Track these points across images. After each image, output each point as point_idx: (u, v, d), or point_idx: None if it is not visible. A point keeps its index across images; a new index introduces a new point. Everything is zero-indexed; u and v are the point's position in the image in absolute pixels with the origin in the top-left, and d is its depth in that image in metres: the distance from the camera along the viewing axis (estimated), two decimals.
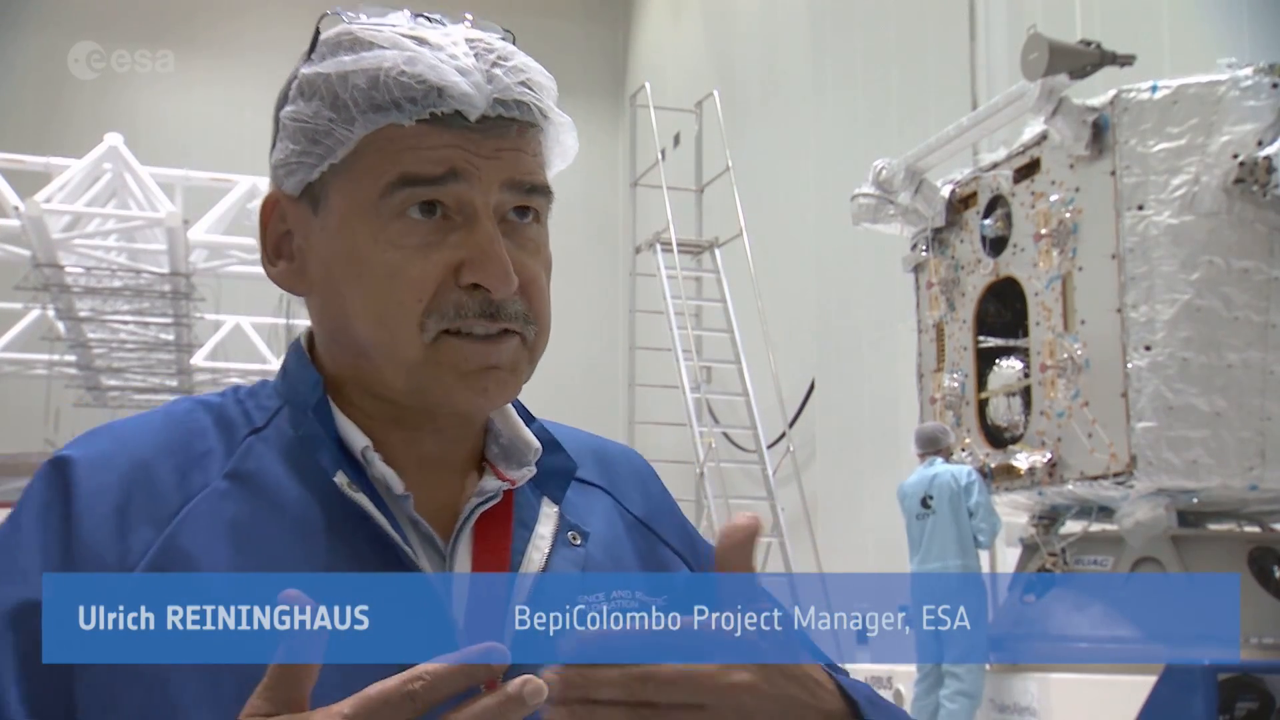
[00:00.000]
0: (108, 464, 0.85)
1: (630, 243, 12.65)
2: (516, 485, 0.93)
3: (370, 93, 0.86)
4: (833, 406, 10.36)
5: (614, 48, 17.18)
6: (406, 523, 0.88)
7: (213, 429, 0.90)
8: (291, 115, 0.91)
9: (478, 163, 0.87)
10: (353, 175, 0.88)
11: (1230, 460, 5.23)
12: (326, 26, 0.91)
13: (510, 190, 0.89)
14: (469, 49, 0.88)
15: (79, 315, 11.78)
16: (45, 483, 0.85)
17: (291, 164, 0.91)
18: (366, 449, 0.89)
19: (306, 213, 0.91)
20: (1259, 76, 5.29)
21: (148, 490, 0.84)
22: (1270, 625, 5.26)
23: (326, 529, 0.85)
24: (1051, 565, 5.88)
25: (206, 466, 0.87)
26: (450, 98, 0.86)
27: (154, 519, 0.83)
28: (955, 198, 6.58)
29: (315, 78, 0.89)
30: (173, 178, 11.40)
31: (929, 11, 9.31)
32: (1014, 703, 5.78)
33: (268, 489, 0.87)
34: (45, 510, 0.83)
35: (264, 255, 0.94)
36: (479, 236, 0.86)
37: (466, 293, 0.86)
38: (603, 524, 0.98)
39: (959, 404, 6.46)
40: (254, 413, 0.92)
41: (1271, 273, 5.30)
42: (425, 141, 0.86)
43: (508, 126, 0.88)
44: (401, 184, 0.86)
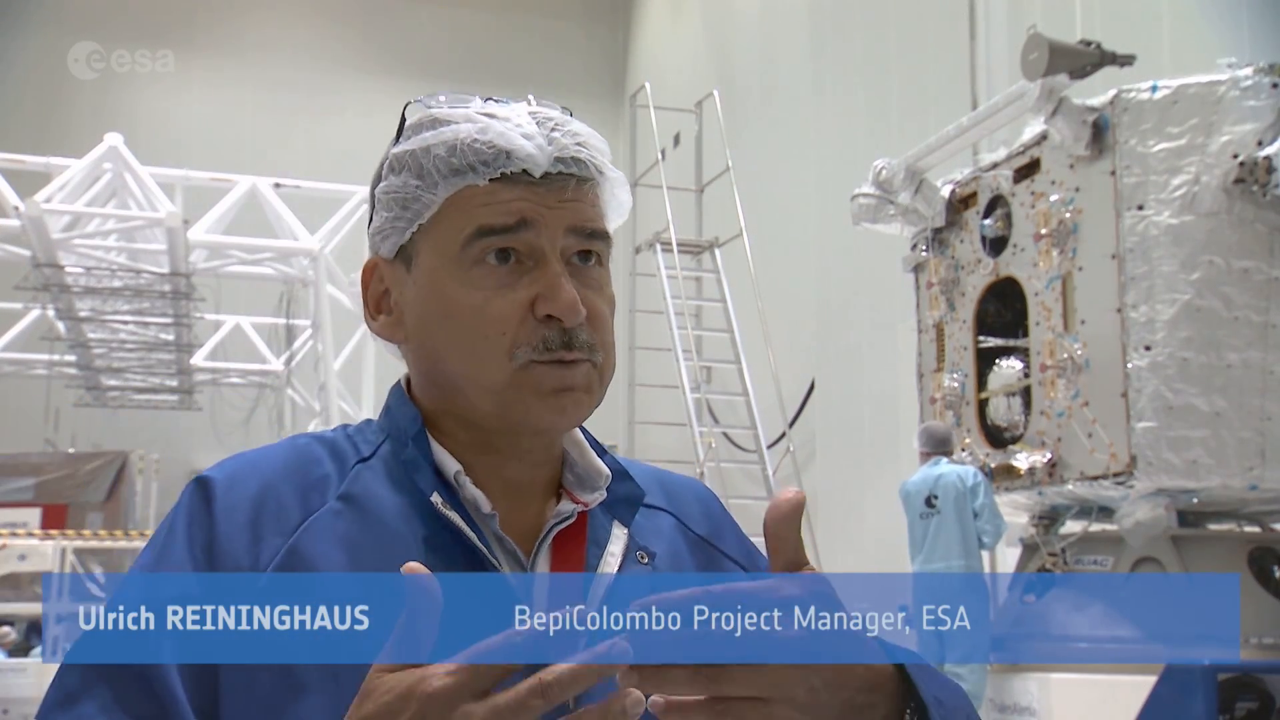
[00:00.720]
0: (242, 483, 1.00)
1: (630, 243, 12.65)
2: (589, 507, 1.06)
3: (449, 159, 1.02)
4: (833, 406, 10.36)
5: (614, 48, 17.18)
6: (493, 539, 1.01)
7: (327, 458, 1.05)
8: (384, 189, 1.05)
9: (543, 212, 1.01)
10: (438, 233, 1.03)
11: (1230, 460, 5.23)
12: (411, 114, 1.07)
13: (573, 235, 1.02)
14: (531, 119, 1.04)
15: (79, 315, 11.78)
16: (191, 497, 1.00)
17: (386, 230, 1.06)
18: (458, 473, 1.02)
19: (401, 271, 1.06)
20: (1259, 76, 5.28)
21: (275, 506, 0.99)
22: (1270, 625, 5.26)
23: (424, 543, 0.99)
24: (1051, 565, 5.88)
25: (323, 489, 1.02)
26: (517, 159, 1.01)
27: (280, 530, 0.98)
28: (955, 198, 6.58)
29: (403, 154, 1.04)
30: (173, 178, 11.41)
31: (929, 11, 9.31)
32: (1014, 703, 5.78)
33: (373, 508, 1.01)
34: (191, 520, 0.98)
35: (366, 312, 1.09)
36: (548, 275, 1.00)
37: (544, 325, 1.00)
38: (667, 544, 1.10)
39: (959, 404, 6.46)
40: (361, 445, 1.07)
41: (1271, 273, 5.30)
42: (497, 197, 1.01)
43: (567, 181, 1.02)
44: (479, 235, 1.01)
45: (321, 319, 11.80)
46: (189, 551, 0.96)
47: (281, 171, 12.22)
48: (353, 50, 16.29)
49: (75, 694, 0.91)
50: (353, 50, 16.29)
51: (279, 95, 15.85)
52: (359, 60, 16.26)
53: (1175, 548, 5.49)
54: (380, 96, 16.03)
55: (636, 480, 1.11)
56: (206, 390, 14.54)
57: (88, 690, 0.90)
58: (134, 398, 14.14)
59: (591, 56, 17.13)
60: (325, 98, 15.89)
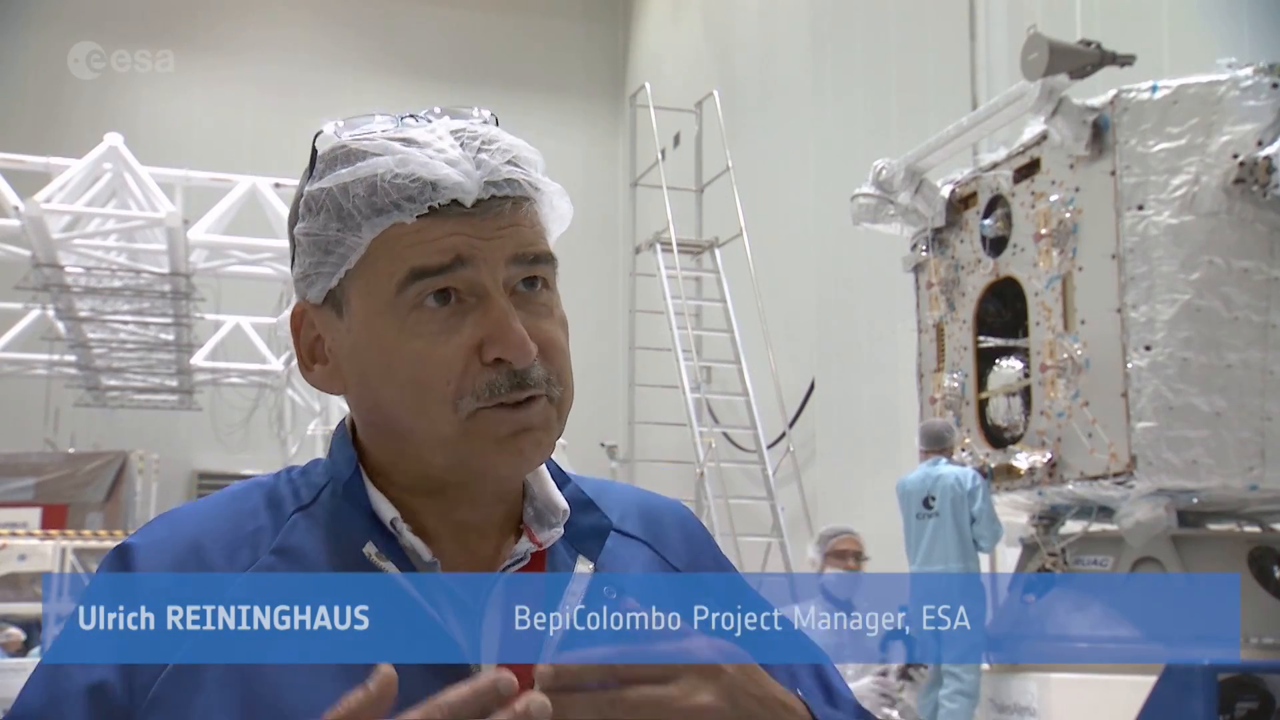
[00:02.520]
0: (163, 548, 0.95)
1: (630, 243, 12.65)
2: (543, 547, 0.99)
3: (370, 199, 0.93)
4: (833, 406, 10.36)
5: (614, 48, 17.18)
6: (440, 590, 0.95)
7: (263, 508, 0.99)
8: (303, 231, 0.97)
9: (480, 245, 0.93)
10: (368, 277, 0.95)
11: (1230, 460, 5.23)
12: (321, 144, 0.98)
13: (515, 264, 0.95)
14: (454, 140, 0.95)
15: (79, 315, 11.78)
16: (110, 568, 0.95)
17: (311, 275, 0.98)
18: (395, 520, 0.96)
19: (332, 317, 0.98)
20: (1259, 76, 5.28)
21: (198, 569, 0.93)
22: (1270, 625, 5.26)
23: (360, 599, 0.91)
24: (1051, 565, 5.88)
25: (256, 543, 0.96)
26: (444, 189, 0.92)
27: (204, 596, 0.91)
28: (955, 198, 6.58)
29: (319, 193, 0.96)
30: (173, 178, 11.40)
31: (929, 11, 9.31)
32: (1014, 703, 5.78)
33: (307, 562, 0.95)
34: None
35: (300, 361, 1.02)
36: (494, 314, 0.93)
37: (492, 369, 0.93)
38: (641, 574, 1.04)
39: (959, 404, 6.45)
40: (302, 490, 1.00)
41: (1271, 273, 5.30)
42: (428, 235, 0.93)
43: (503, 205, 0.94)
44: (413, 278, 0.93)
45: None
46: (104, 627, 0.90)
47: (281, 171, 12.21)
48: (353, 50, 16.29)
49: None
50: (353, 50, 16.29)
51: (279, 95, 15.85)
52: (359, 60, 16.26)
53: (1175, 548, 5.49)
54: (380, 97, 16.03)
55: (605, 508, 1.05)
56: (206, 390, 14.54)
57: None
58: (134, 398, 14.14)
59: (591, 56, 17.13)
60: (325, 98, 15.87)
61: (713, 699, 0.79)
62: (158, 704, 0.88)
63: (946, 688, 6.08)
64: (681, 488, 10.76)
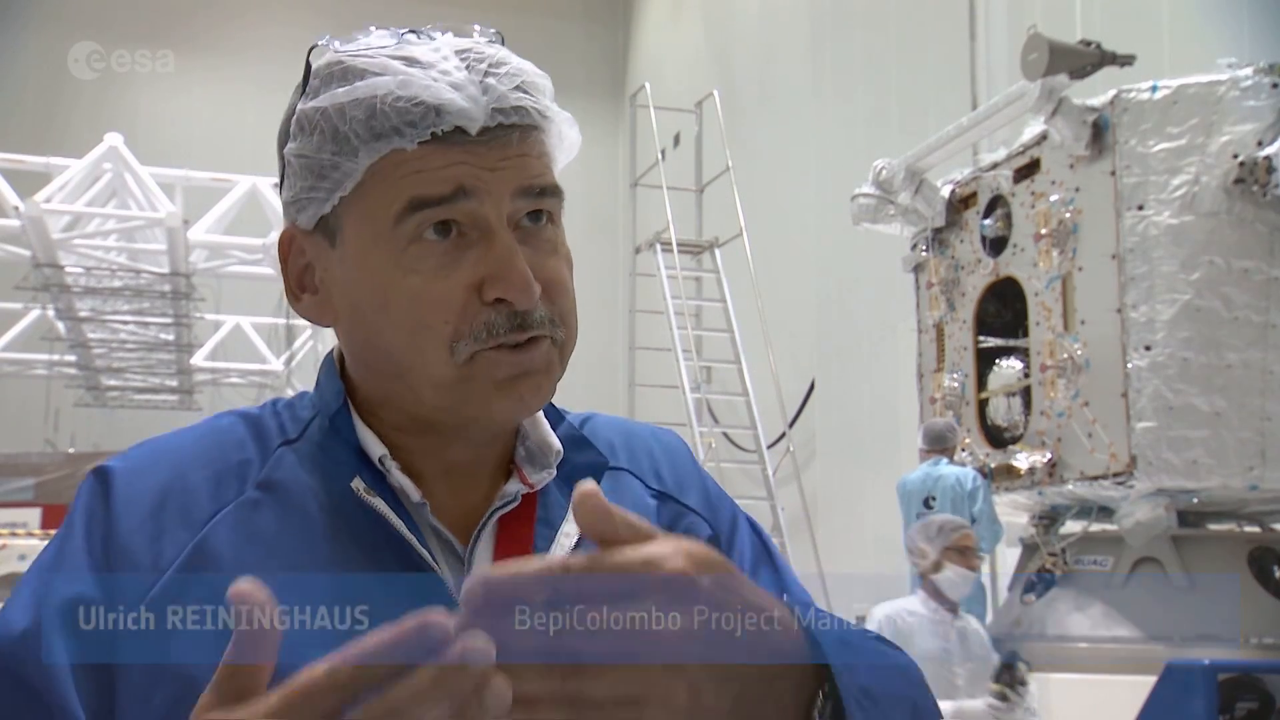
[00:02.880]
0: (145, 473, 0.90)
1: (630, 243, 12.65)
2: (535, 488, 0.94)
3: (369, 122, 0.87)
4: (833, 406, 10.36)
5: (614, 48, 17.18)
6: (427, 529, 0.91)
7: (250, 440, 0.94)
8: (295, 152, 0.92)
9: (485, 176, 0.87)
10: (364, 205, 0.89)
11: (1230, 460, 5.23)
12: (315, 58, 0.92)
13: (521, 197, 0.89)
14: (460, 61, 0.88)
15: (79, 315, 11.78)
16: (89, 490, 0.90)
17: (302, 200, 0.92)
18: (384, 457, 0.91)
19: (324, 246, 0.93)
20: (1259, 76, 5.29)
21: (182, 497, 0.89)
22: (1270, 625, 5.26)
23: (348, 534, 0.88)
24: (1051, 565, 5.87)
25: (243, 475, 0.91)
26: (448, 115, 0.86)
27: (187, 523, 0.87)
28: (955, 198, 6.58)
29: (312, 113, 0.90)
30: (173, 178, 11.40)
31: (929, 11, 9.31)
32: None
33: (294, 496, 0.90)
34: (90, 515, 0.88)
35: (288, 290, 0.96)
36: (497, 251, 0.87)
37: (492, 309, 0.87)
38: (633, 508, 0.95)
39: (959, 404, 6.46)
40: (288, 424, 0.95)
41: (1271, 273, 5.30)
42: (430, 163, 0.86)
43: (509, 134, 0.88)
44: (412, 208, 0.87)
45: None
46: (86, 550, 0.86)
47: None
48: None
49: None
50: None
51: (279, 95, 15.57)
52: None
53: (1175, 548, 5.49)
54: None
55: (599, 444, 0.99)
56: (206, 390, 14.54)
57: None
58: (134, 398, 14.14)
59: (591, 56, 17.13)
60: None
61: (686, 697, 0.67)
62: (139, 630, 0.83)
63: None
64: None
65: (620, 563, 0.66)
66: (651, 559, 0.67)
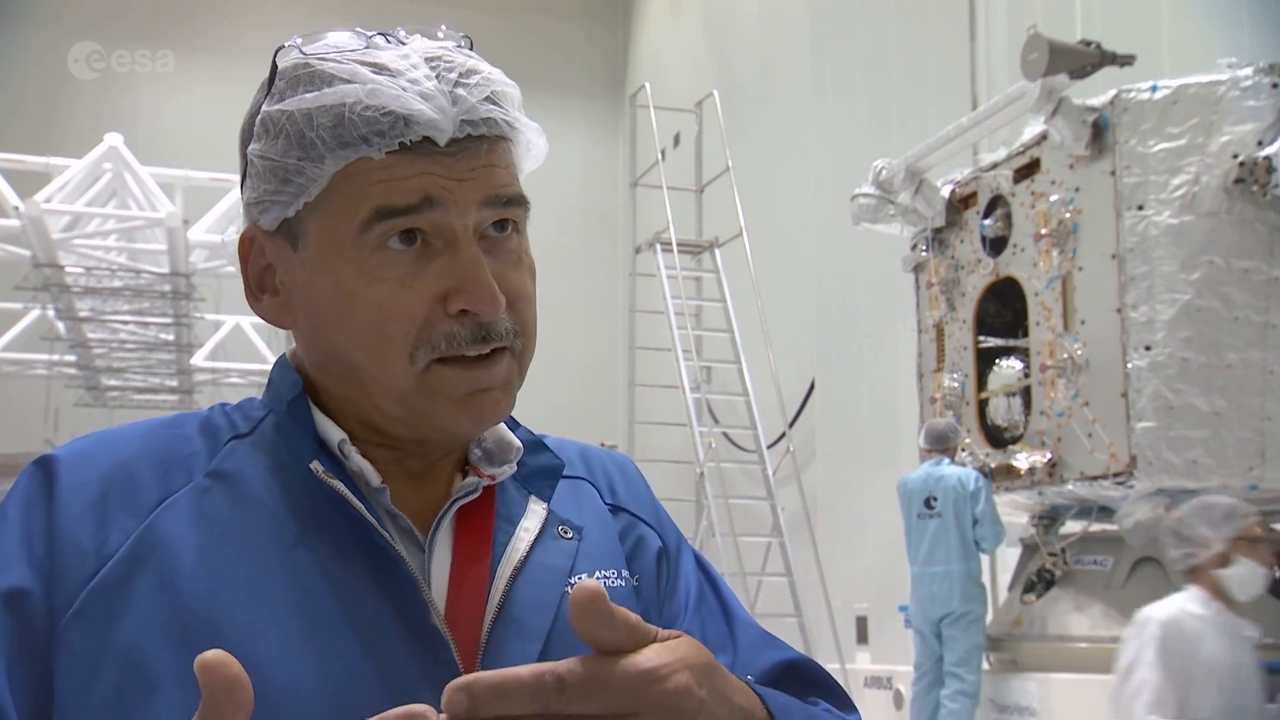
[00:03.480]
0: (89, 462, 0.88)
1: (630, 243, 12.65)
2: (496, 481, 0.95)
3: (337, 130, 0.86)
4: (833, 406, 10.36)
5: (614, 48, 17.18)
6: (386, 516, 0.90)
7: (197, 435, 0.93)
8: (259, 153, 0.90)
9: (451, 186, 0.87)
10: (328, 211, 0.88)
11: (1230, 460, 5.23)
12: (282, 59, 0.90)
13: (487, 207, 0.89)
14: (429, 70, 0.88)
15: (79, 315, 11.78)
16: (30, 479, 0.88)
17: (265, 202, 0.91)
18: (343, 442, 0.91)
19: (286, 248, 0.92)
20: (1259, 76, 5.29)
21: (127, 486, 0.87)
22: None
23: (305, 518, 0.87)
24: (1051, 565, 5.87)
25: (190, 466, 0.90)
26: (417, 126, 0.86)
27: (133, 511, 0.86)
28: (955, 198, 6.59)
29: (278, 115, 0.88)
30: (173, 178, 11.40)
31: (929, 11, 9.31)
32: (1014, 703, 5.78)
33: (247, 484, 0.89)
34: (28, 504, 0.86)
35: (247, 290, 0.96)
36: (463, 262, 0.87)
37: (456, 320, 0.87)
38: (594, 516, 1.00)
39: (959, 404, 6.46)
40: (239, 421, 0.95)
41: (1271, 273, 5.30)
42: (397, 172, 0.86)
43: (478, 145, 0.88)
44: (378, 217, 0.86)
45: None
46: (23, 540, 0.84)
47: None
48: None
49: None
50: None
51: None
52: None
53: None
54: None
55: (555, 451, 1.01)
56: (206, 390, 14.53)
57: None
58: (134, 398, 14.13)
59: (591, 56, 17.13)
60: None
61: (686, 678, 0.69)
62: (80, 618, 0.81)
63: (948, 688, 6.08)
64: (681, 488, 10.76)
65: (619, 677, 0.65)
66: (654, 674, 0.66)
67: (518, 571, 0.91)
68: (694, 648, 0.71)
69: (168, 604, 0.81)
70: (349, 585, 0.84)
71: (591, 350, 14.61)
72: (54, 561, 0.83)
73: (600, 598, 0.65)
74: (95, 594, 0.82)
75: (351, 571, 0.85)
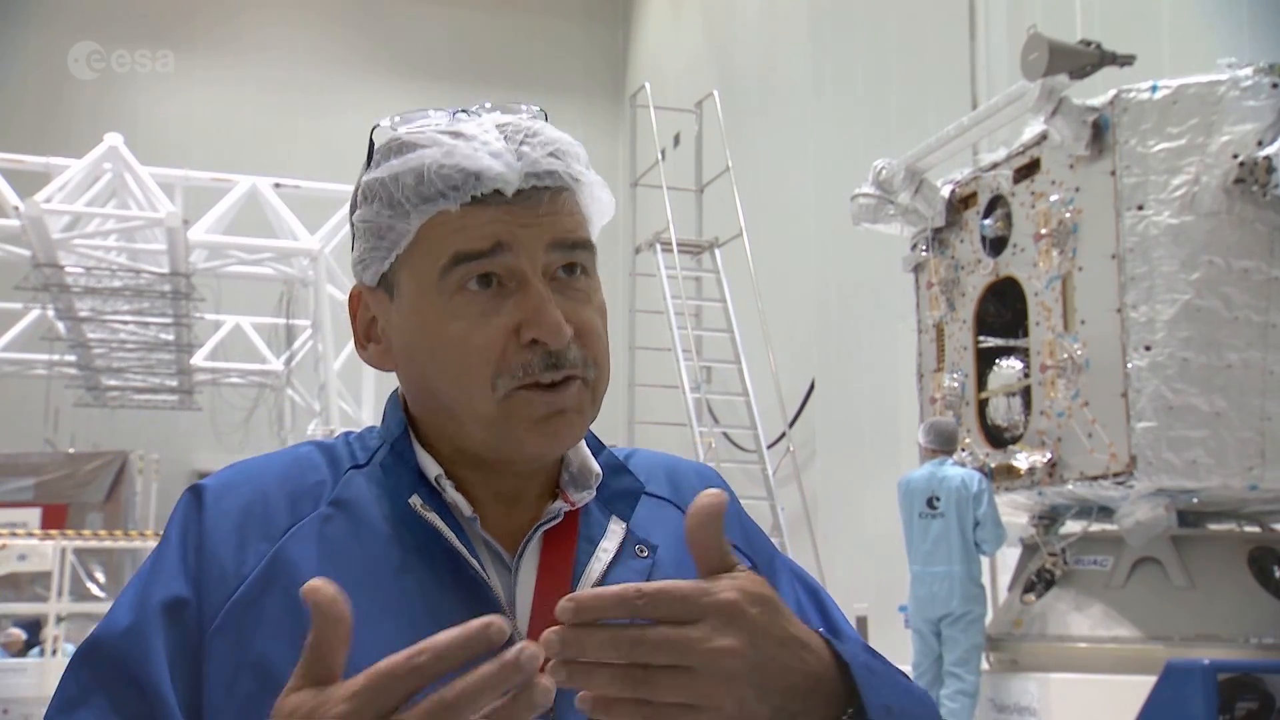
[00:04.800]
0: (232, 491, 1.03)
1: (630, 243, 12.65)
2: (577, 506, 1.05)
3: (418, 188, 0.99)
4: (833, 406, 10.37)
5: (614, 48, 17.18)
6: (479, 542, 1.02)
7: (324, 465, 1.06)
8: (360, 218, 1.04)
9: (519, 233, 0.99)
10: (416, 260, 1.01)
11: (1230, 460, 5.23)
12: (378, 138, 1.05)
13: (555, 250, 1.00)
14: (499, 133, 1.01)
15: (79, 315, 11.78)
16: (186, 505, 1.03)
17: (366, 260, 1.05)
18: (439, 477, 1.03)
19: (384, 300, 1.05)
20: (1259, 76, 5.29)
21: (263, 513, 1.01)
22: (1270, 625, 5.26)
23: (407, 546, 1.00)
24: (1051, 565, 5.87)
25: (316, 495, 1.03)
26: (487, 180, 0.98)
27: (267, 536, 1.00)
28: (955, 198, 6.58)
29: (373, 183, 1.02)
30: (173, 178, 11.41)
31: (929, 11, 9.31)
32: (1014, 703, 5.78)
33: (361, 513, 1.02)
34: (185, 527, 1.01)
35: (356, 341, 1.09)
36: (531, 298, 0.98)
37: (529, 350, 0.98)
38: (671, 535, 1.08)
39: (959, 404, 6.46)
40: (358, 451, 1.08)
41: (1271, 273, 5.30)
42: (471, 221, 0.99)
43: (542, 195, 1.00)
44: (455, 262, 0.98)
45: (321, 319, 11.80)
46: (181, 557, 0.99)
47: (281, 171, 12.22)
48: (353, 50, 16.29)
49: (74, 700, 0.94)
50: (353, 50, 16.29)
51: (279, 95, 15.85)
52: (359, 60, 16.26)
53: (1175, 548, 5.49)
54: (380, 96, 16.03)
55: (637, 472, 1.11)
56: (206, 390, 14.54)
57: (85, 698, 0.94)
58: (134, 398, 14.14)
59: (591, 56, 17.13)
60: (325, 98, 15.89)
61: (734, 642, 0.80)
62: (222, 631, 0.95)
63: (948, 688, 6.08)
64: None
65: (683, 590, 0.80)
66: (707, 588, 0.81)
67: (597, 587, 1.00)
68: (754, 581, 0.84)
69: (293, 621, 0.91)
70: (444, 609, 0.95)
71: None
72: (204, 579, 0.97)
73: (720, 510, 0.83)
74: (234, 610, 0.95)
75: (446, 596, 0.97)
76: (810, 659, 0.85)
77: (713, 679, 0.79)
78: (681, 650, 0.78)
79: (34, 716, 9.35)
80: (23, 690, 9.41)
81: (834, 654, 0.87)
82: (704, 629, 0.79)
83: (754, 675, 0.80)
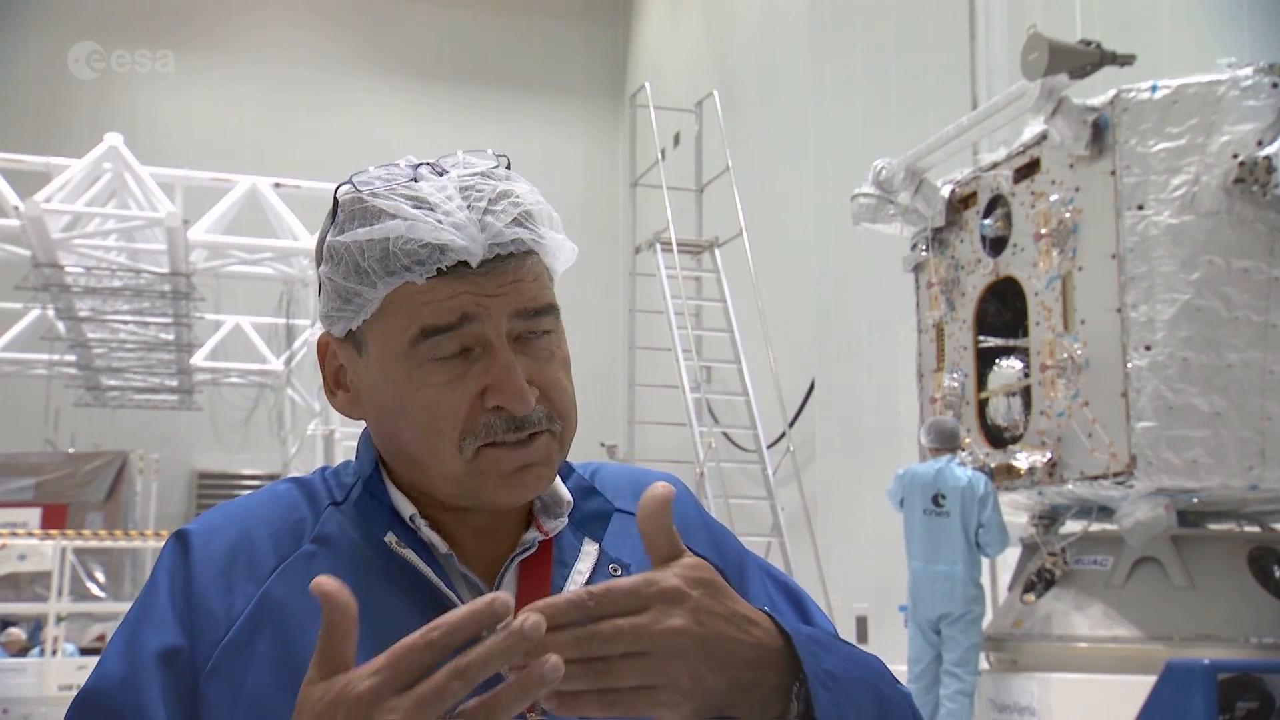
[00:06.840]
0: (218, 535, 1.06)
1: (630, 243, 12.66)
2: (550, 535, 1.09)
3: (384, 261, 1.01)
4: (833, 406, 10.36)
5: (614, 48, 17.18)
6: (457, 576, 1.05)
7: (304, 503, 1.09)
8: (326, 275, 1.06)
9: (485, 302, 1.01)
10: (383, 327, 1.04)
11: (1230, 460, 5.23)
12: (341, 196, 1.06)
13: (518, 318, 1.03)
14: (462, 200, 1.02)
15: (79, 315, 11.78)
16: (171, 551, 1.06)
17: (333, 316, 1.07)
18: (413, 516, 1.06)
19: (353, 353, 1.08)
20: (1259, 76, 5.28)
21: (248, 555, 1.04)
22: (1270, 625, 5.26)
23: (386, 583, 1.03)
24: (1051, 565, 5.87)
25: (299, 533, 1.06)
26: (451, 253, 1.00)
27: (253, 578, 1.02)
28: (955, 198, 6.58)
29: (339, 246, 1.04)
30: (173, 178, 11.40)
31: (929, 11, 9.31)
32: (1014, 703, 5.78)
33: (342, 549, 1.05)
34: (172, 573, 1.03)
35: (326, 386, 1.13)
36: (497, 365, 1.01)
37: (493, 413, 1.01)
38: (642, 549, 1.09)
39: (959, 404, 6.46)
40: (335, 489, 1.11)
41: (1271, 273, 5.30)
42: (438, 294, 1.01)
43: (506, 263, 1.02)
44: (423, 335, 1.01)
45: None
46: (170, 604, 1.01)
47: (281, 171, 12.21)
48: (353, 50, 16.29)
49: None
50: (353, 50, 16.29)
51: (279, 95, 15.85)
52: (359, 60, 16.26)
53: (1175, 548, 5.49)
54: (380, 96, 16.04)
55: (605, 490, 1.14)
56: (206, 390, 14.54)
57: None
58: (134, 398, 14.14)
59: (591, 56, 17.12)
60: (325, 98, 15.89)
61: (681, 621, 0.85)
62: (215, 674, 0.97)
63: (947, 687, 6.08)
64: None
65: (629, 584, 0.85)
66: (651, 578, 0.86)
67: None
68: (697, 566, 0.89)
69: (285, 660, 0.96)
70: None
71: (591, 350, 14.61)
72: (194, 625, 0.99)
73: (667, 500, 0.88)
74: (226, 653, 0.98)
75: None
76: (757, 632, 0.89)
77: (666, 658, 0.84)
78: (633, 637, 0.83)
79: (34, 716, 9.36)
80: (23, 690, 9.41)
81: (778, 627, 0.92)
82: (652, 614, 0.84)
83: (703, 650, 0.85)
